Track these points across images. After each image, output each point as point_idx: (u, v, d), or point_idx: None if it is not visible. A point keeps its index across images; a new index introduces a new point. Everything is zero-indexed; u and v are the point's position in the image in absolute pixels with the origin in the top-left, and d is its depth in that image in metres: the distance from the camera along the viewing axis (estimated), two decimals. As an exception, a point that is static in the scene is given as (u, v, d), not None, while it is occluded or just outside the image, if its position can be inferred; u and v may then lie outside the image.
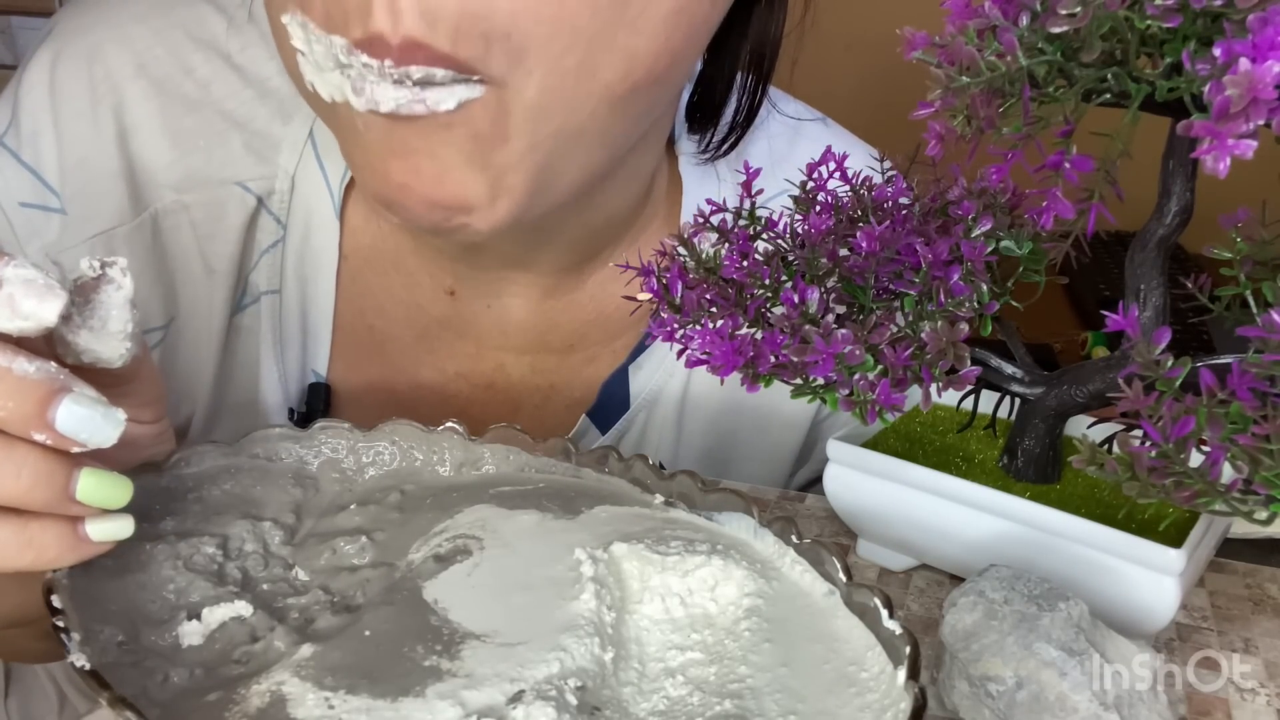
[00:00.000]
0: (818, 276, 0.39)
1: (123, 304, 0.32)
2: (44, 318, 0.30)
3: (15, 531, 0.30)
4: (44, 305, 0.30)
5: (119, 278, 0.32)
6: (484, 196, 0.44)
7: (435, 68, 0.40)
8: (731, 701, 0.32)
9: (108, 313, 0.32)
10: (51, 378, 0.30)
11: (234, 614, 0.35)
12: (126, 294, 0.33)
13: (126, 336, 0.33)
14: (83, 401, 0.30)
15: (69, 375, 0.31)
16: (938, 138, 0.33)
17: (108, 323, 0.32)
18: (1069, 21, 0.30)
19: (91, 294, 0.32)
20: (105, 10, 0.55)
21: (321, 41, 0.41)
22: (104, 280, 0.32)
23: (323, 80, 0.42)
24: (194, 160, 0.55)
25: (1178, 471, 0.31)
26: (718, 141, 0.59)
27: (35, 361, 0.30)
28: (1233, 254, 0.36)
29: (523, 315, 0.59)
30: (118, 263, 0.33)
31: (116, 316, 0.32)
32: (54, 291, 0.30)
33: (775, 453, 0.65)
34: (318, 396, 0.58)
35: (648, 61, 0.43)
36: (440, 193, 0.44)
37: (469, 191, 0.44)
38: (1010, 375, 0.42)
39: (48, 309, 0.30)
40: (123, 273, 0.33)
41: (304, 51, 0.42)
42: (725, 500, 0.41)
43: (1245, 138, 0.28)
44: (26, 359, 0.30)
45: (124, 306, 0.32)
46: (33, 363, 0.30)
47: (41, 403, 0.30)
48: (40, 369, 0.30)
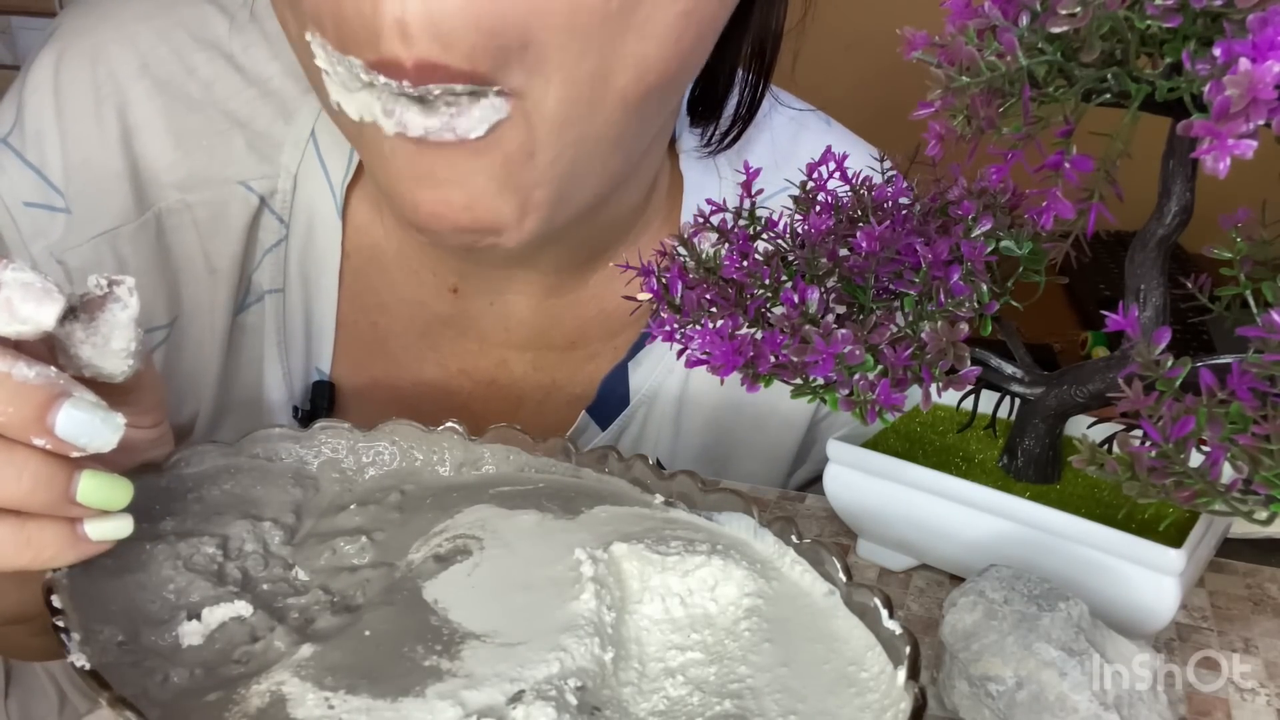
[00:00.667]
0: (818, 276, 0.39)
1: (127, 323, 0.33)
2: (42, 321, 0.30)
3: (13, 531, 0.31)
4: (42, 309, 0.30)
5: (125, 297, 0.33)
6: (513, 218, 0.45)
7: (455, 84, 0.40)
8: (731, 701, 0.32)
9: (111, 330, 0.32)
10: (51, 383, 0.30)
11: (234, 614, 0.35)
12: (132, 313, 0.33)
13: (129, 354, 0.33)
14: (82, 406, 0.30)
15: (69, 380, 0.31)
16: (938, 138, 0.33)
17: (111, 340, 0.32)
18: (1069, 21, 0.30)
19: (97, 311, 0.32)
20: (108, 10, 0.56)
21: (342, 62, 0.41)
22: (110, 298, 0.32)
23: (351, 100, 0.42)
24: (197, 160, 0.55)
25: (1178, 471, 0.31)
26: (720, 135, 0.59)
27: (35, 366, 0.30)
28: (1233, 254, 0.36)
29: (525, 313, 0.59)
30: (125, 282, 0.33)
31: (120, 335, 0.32)
32: (52, 295, 0.30)
33: (773, 451, 0.65)
34: (321, 394, 0.59)
35: (659, 65, 0.43)
36: (470, 219, 0.44)
37: (499, 215, 0.44)
38: (1010, 375, 0.42)
39: (46, 312, 0.30)
40: (130, 292, 0.33)
41: (329, 71, 0.42)
42: (725, 500, 0.41)
43: (1245, 138, 0.28)
44: (26, 364, 0.30)
45: (128, 326, 0.33)
46: (32, 368, 0.30)
47: (41, 408, 0.30)
48: (40, 374, 0.30)
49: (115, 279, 0.33)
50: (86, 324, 0.32)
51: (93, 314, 0.32)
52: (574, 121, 0.43)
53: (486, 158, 0.42)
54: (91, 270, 0.54)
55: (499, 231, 0.45)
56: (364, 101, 0.41)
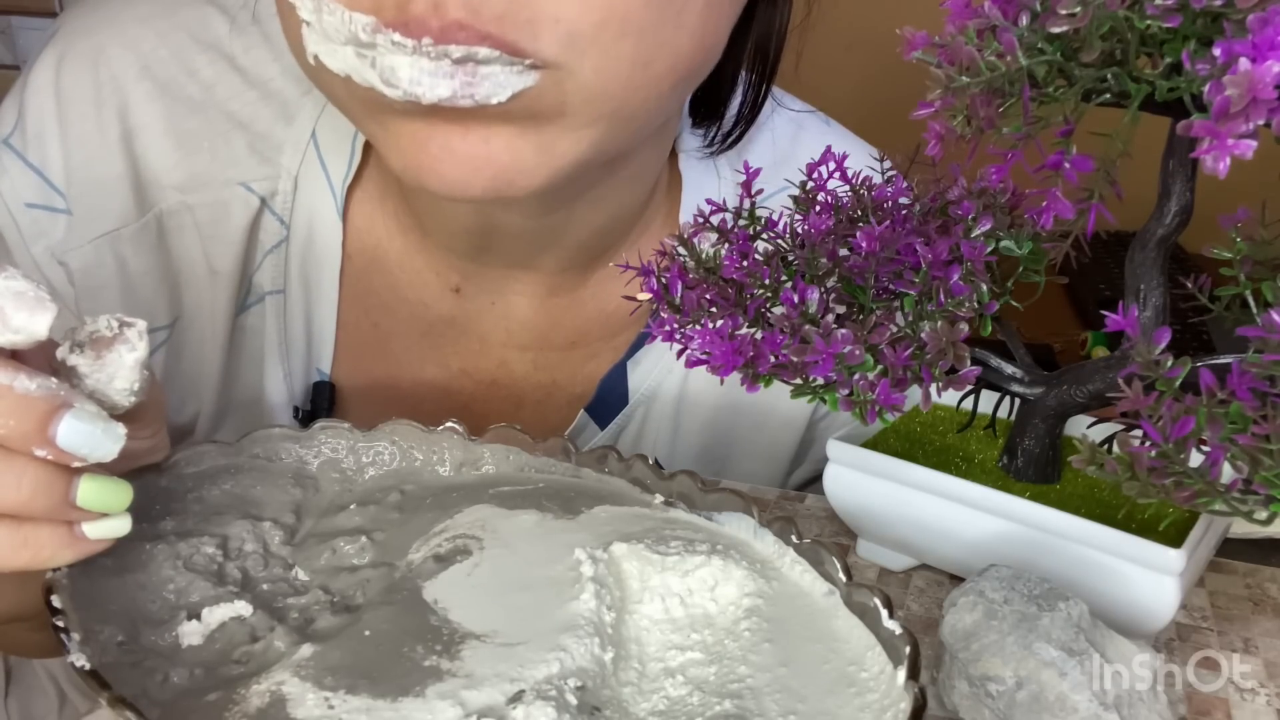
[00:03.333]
0: (818, 276, 0.39)
1: (134, 365, 0.32)
2: (35, 330, 0.30)
3: (11, 532, 0.31)
4: (35, 318, 0.30)
5: (134, 340, 0.32)
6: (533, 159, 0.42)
7: (478, 46, 0.38)
8: (731, 701, 0.32)
9: (117, 370, 0.32)
10: (52, 394, 0.30)
11: (234, 614, 0.35)
12: (139, 356, 0.33)
13: (132, 393, 0.33)
14: (83, 417, 0.30)
15: (69, 391, 0.31)
16: (938, 138, 0.33)
17: (115, 379, 0.32)
18: (1069, 21, 0.30)
19: (104, 350, 0.32)
20: (109, 12, 0.56)
21: (336, 14, 0.38)
22: (119, 340, 0.32)
23: (331, 53, 0.40)
24: (198, 161, 0.55)
25: (1178, 471, 0.31)
26: (722, 136, 0.59)
27: (36, 378, 0.30)
28: (1233, 254, 0.36)
29: (527, 313, 0.60)
30: (136, 325, 0.33)
31: (125, 375, 0.32)
32: (44, 305, 0.30)
33: (772, 451, 0.65)
34: (322, 395, 0.59)
35: (687, 57, 0.43)
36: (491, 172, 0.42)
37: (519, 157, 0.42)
38: (1010, 375, 0.42)
39: (39, 322, 0.30)
40: (139, 336, 0.33)
41: (310, 21, 0.40)
42: (725, 500, 0.41)
43: (1245, 138, 0.28)
44: (28, 375, 0.30)
45: (134, 367, 0.32)
46: (34, 379, 0.30)
47: (43, 419, 0.30)
48: (41, 385, 0.30)
49: (127, 321, 0.33)
50: (92, 360, 0.32)
51: (99, 352, 0.32)
52: (610, 96, 0.41)
53: (509, 119, 0.40)
54: (93, 271, 0.55)
55: (513, 175, 0.42)
56: (348, 59, 0.39)
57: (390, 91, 0.39)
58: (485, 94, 0.39)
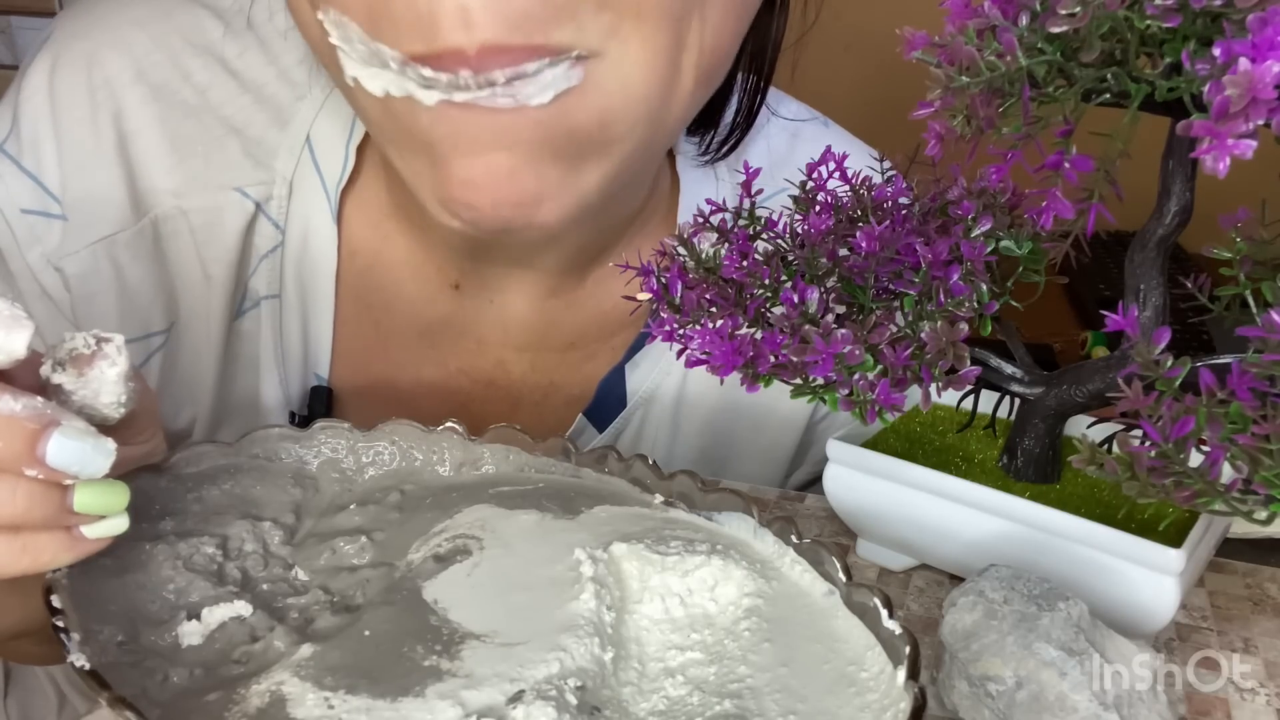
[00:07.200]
0: (817, 276, 0.39)
1: (116, 379, 0.32)
2: (13, 349, 0.30)
3: (10, 539, 0.30)
4: (11, 337, 0.29)
5: (113, 354, 0.32)
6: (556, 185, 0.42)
7: (525, 63, 0.37)
8: (731, 701, 0.32)
9: (100, 386, 0.32)
10: (39, 414, 0.30)
11: (234, 614, 0.35)
12: (121, 370, 0.32)
13: (120, 405, 0.32)
14: (72, 435, 0.30)
15: (56, 409, 0.30)
16: (938, 138, 0.33)
17: (100, 394, 0.32)
18: (1069, 21, 0.30)
19: (86, 368, 0.32)
20: (103, 16, 0.55)
21: (365, 44, 0.38)
22: (99, 356, 0.32)
23: (372, 76, 0.39)
24: (193, 166, 0.55)
25: (1177, 471, 0.31)
26: (717, 143, 0.59)
27: (21, 399, 0.30)
28: (1233, 254, 0.36)
29: (524, 313, 0.60)
30: (114, 340, 0.32)
31: (109, 390, 0.32)
32: (20, 323, 0.30)
33: (771, 452, 0.65)
34: (319, 400, 0.59)
35: (709, 55, 0.43)
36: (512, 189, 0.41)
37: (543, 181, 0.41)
38: (1010, 375, 0.42)
39: (15, 340, 0.29)
40: (118, 350, 0.32)
41: (344, 49, 0.40)
42: (725, 500, 0.41)
43: (1245, 138, 0.28)
44: (12, 396, 0.30)
45: (117, 382, 0.32)
46: (19, 400, 0.30)
47: (31, 439, 0.29)
48: (27, 406, 0.30)
49: (104, 336, 0.32)
50: (75, 377, 0.32)
51: (81, 369, 0.32)
52: (651, 96, 0.41)
53: (547, 126, 0.39)
54: (89, 277, 0.55)
55: (539, 201, 0.41)
56: (388, 79, 0.39)
57: (424, 95, 0.38)
58: (527, 95, 0.38)
